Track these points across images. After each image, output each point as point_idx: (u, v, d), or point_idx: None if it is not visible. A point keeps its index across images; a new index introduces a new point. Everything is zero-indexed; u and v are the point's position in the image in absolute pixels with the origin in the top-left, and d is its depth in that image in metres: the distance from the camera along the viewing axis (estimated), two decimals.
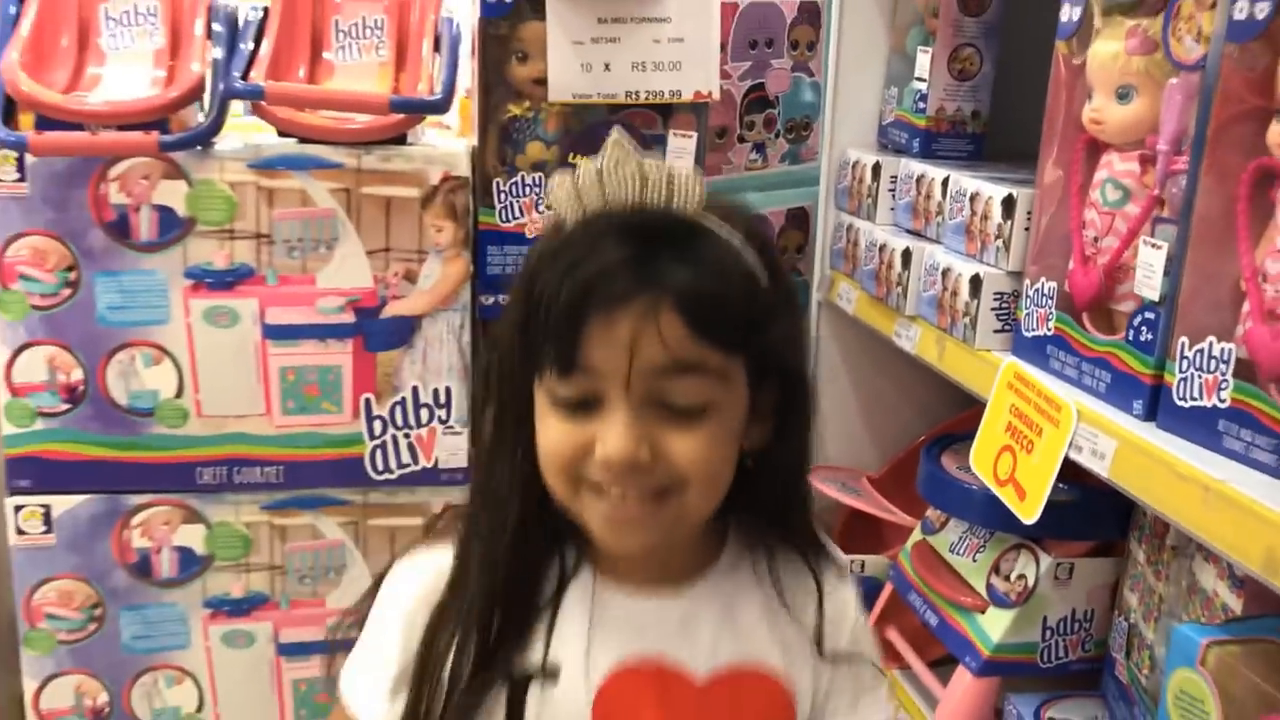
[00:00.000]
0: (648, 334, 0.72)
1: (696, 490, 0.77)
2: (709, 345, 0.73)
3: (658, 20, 1.42)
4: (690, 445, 0.75)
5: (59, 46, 1.42)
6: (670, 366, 0.73)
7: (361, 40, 1.53)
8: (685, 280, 0.73)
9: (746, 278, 0.76)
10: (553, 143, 1.47)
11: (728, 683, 0.82)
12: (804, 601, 0.85)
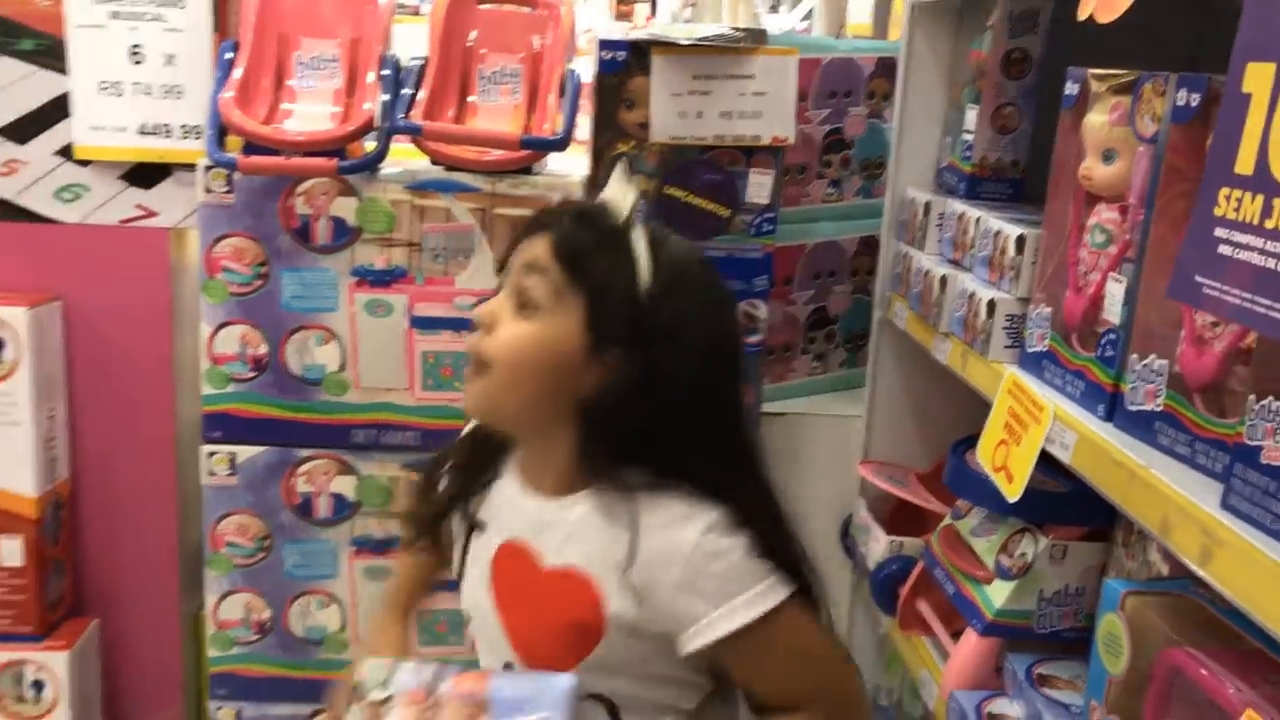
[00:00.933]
0: (532, 247, 1.06)
1: (500, 372, 1.06)
2: (557, 262, 1.04)
3: (743, 77, 1.70)
4: (512, 330, 1.05)
5: (261, 86, 1.76)
6: (530, 265, 1.05)
7: (500, 86, 1.84)
8: (569, 228, 1.06)
9: (617, 256, 1.05)
10: (652, 175, 1.75)
11: (559, 574, 1.10)
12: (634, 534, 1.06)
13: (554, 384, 1.06)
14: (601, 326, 1.04)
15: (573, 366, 1.05)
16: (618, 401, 1.05)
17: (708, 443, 1.11)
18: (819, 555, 1.96)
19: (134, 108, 1.76)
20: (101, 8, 1.72)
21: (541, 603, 1.10)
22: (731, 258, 1.77)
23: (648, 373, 1.05)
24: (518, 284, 1.06)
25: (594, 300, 1.04)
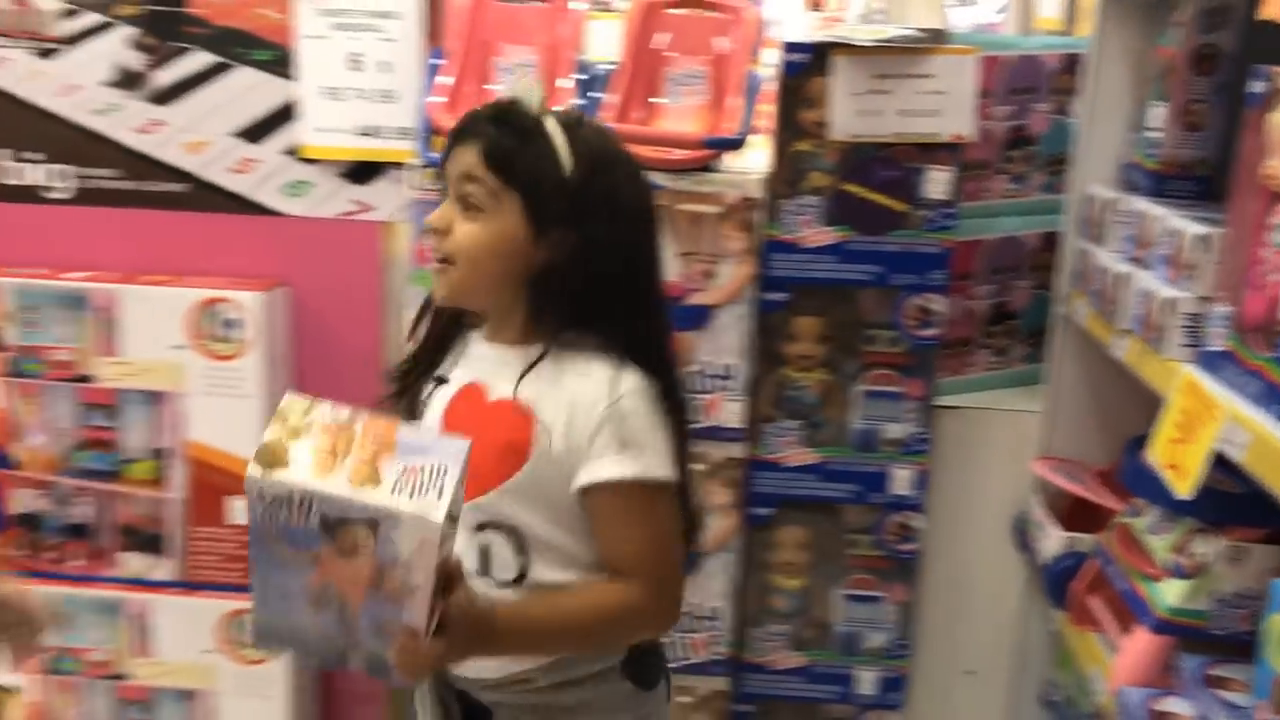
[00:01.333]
0: (464, 156, 1.21)
1: (461, 268, 1.23)
2: (489, 169, 1.20)
3: (923, 76, 1.73)
4: (465, 230, 1.22)
5: (465, 91, 1.90)
6: (466, 175, 1.21)
7: (686, 87, 1.93)
8: (493, 134, 1.21)
9: (539, 151, 1.21)
10: (831, 172, 1.80)
11: (502, 403, 1.25)
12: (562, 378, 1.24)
13: (507, 266, 1.24)
14: (538, 214, 1.22)
15: (521, 249, 1.23)
16: (561, 272, 1.23)
17: (637, 301, 1.29)
18: (992, 548, 2.00)
19: (353, 111, 1.92)
20: (326, 20, 1.89)
21: (482, 427, 1.24)
22: (909, 252, 1.81)
23: (583, 245, 1.23)
24: (458, 191, 1.23)
25: (526, 194, 1.21)
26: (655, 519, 1.28)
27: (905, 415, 1.89)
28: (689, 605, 1.94)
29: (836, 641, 1.99)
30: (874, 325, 1.86)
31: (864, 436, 1.90)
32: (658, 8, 1.94)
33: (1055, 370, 1.90)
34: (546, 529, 1.28)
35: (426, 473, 1.04)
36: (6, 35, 1.95)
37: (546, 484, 1.26)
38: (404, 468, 1.04)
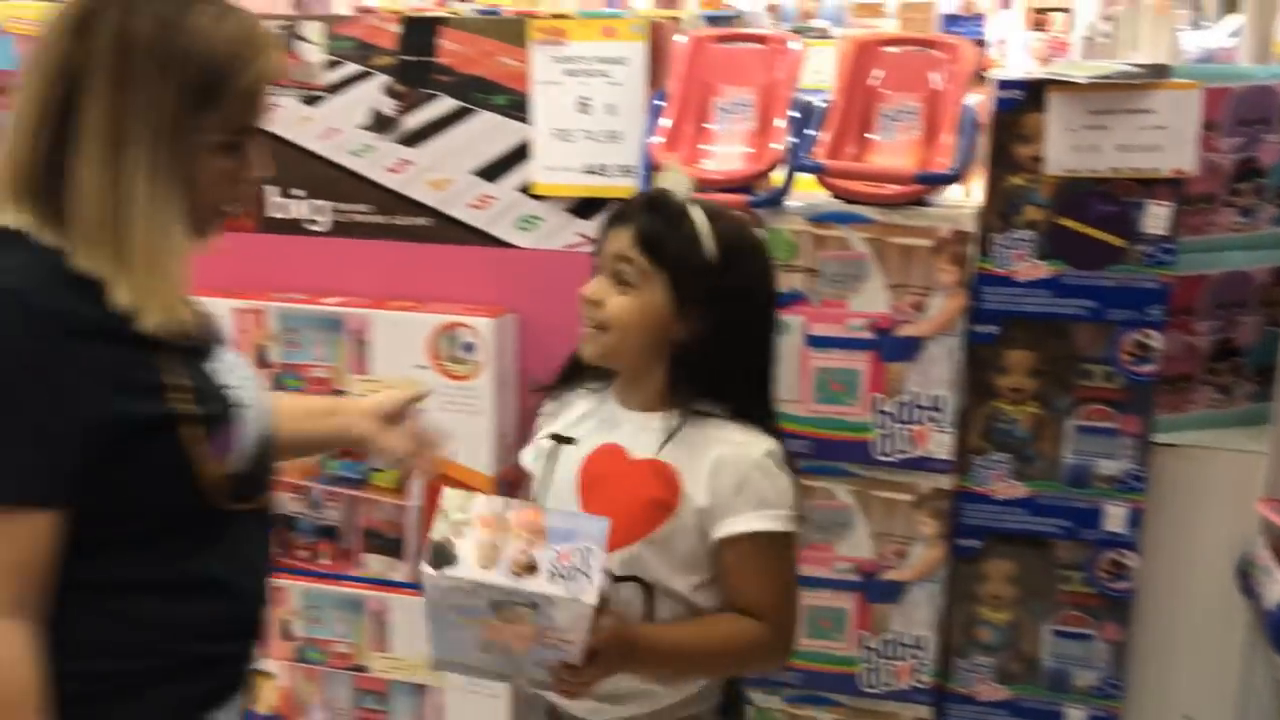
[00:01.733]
0: (619, 238, 1.41)
1: (614, 334, 1.40)
2: (642, 254, 1.39)
3: (1143, 112, 1.72)
4: (617, 302, 1.40)
5: (684, 131, 2.00)
6: (621, 256, 1.40)
7: (900, 122, 1.97)
8: (646, 220, 1.40)
9: (687, 236, 1.39)
10: (1045, 207, 1.81)
11: (647, 463, 1.42)
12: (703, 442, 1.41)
13: (652, 337, 1.41)
14: (681, 293, 1.39)
15: (664, 323, 1.40)
16: (699, 346, 1.41)
17: (763, 374, 1.48)
18: (1212, 590, 1.94)
19: (580, 151, 2.05)
20: (559, 67, 2.03)
21: (625, 484, 1.42)
22: (1125, 287, 1.79)
23: (720, 323, 1.40)
24: (613, 268, 1.41)
25: (673, 275, 1.39)
26: (784, 567, 1.46)
27: (1120, 451, 1.86)
28: (894, 632, 1.97)
29: (1044, 677, 1.97)
30: (1089, 360, 1.85)
31: (1076, 472, 1.88)
32: (872, 45, 1.99)
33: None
34: (675, 579, 1.42)
35: (576, 556, 1.20)
36: (278, 85, 2.18)
37: (684, 537, 1.41)
38: (556, 553, 1.20)
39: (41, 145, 1.15)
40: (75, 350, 1.12)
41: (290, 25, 2.16)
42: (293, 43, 2.15)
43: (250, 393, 1.30)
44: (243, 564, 1.30)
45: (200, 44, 1.14)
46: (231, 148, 1.20)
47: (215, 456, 1.20)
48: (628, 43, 2.01)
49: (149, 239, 1.14)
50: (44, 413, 1.11)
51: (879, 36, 1.98)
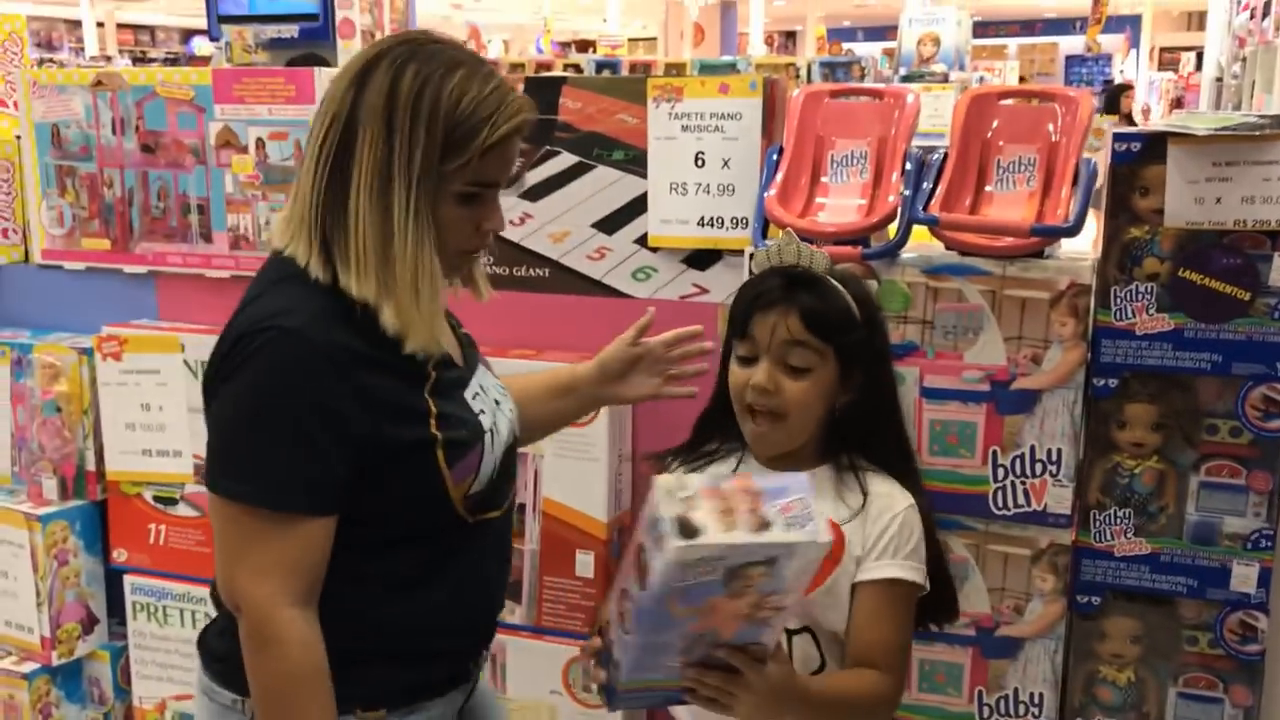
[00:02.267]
0: (782, 324, 1.45)
1: (794, 419, 1.47)
2: (813, 335, 1.45)
3: (1268, 163, 1.69)
4: (794, 389, 1.46)
5: (799, 184, 2.03)
6: (791, 341, 1.45)
7: (1016, 174, 1.96)
8: (807, 301, 1.46)
9: (842, 307, 1.48)
10: (1166, 259, 1.78)
11: None
12: (863, 493, 1.51)
13: (823, 411, 1.50)
14: (849, 363, 1.48)
15: (833, 394, 1.50)
16: (857, 407, 1.51)
17: (899, 430, 1.58)
18: None
19: (695, 204, 2.10)
20: (676, 123, 2.09)
21: None
22: (1251, 341, 1.75)
23: (870, 381, 1.50)
24: (781, 355, 1.47)
25: (840, 349, 1.47)
26: (907, 619, 1.52)
27: (1248, 509, 1.81)
28: (1011, 689, 1.94)
29: None
30: (1213, 414, 1.81)
31: (1201, 529, 1.84)
32: (989, 97, 2.00)
33: None
34: (838, 626, 1.49)
35: (797, 507, 1.26)
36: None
37: (845, 584, 1.48)
38: (779, 507, 1.25)
39: (322, 182, 1.34)
40: (348, 382, 1.31)
41: None
42: None
43: (499, 414, 1.48)
44: (477, 570, 1.47)
45: (452, 103, 1.31)
46: (470, 198, 1.36)
47: (457, 479, 1.39)
48: (743, 99, 2.06)
49: (411, 269, 1.32)
50: (323, 438, 1.31)
51: (996, 89, 1.99)
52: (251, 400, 1.31)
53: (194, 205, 2.40)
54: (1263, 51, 4.73)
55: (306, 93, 2.27)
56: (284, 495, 1.31)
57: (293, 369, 1.29)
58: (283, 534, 1.31)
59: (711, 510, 1.23)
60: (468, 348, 1.56)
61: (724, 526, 1.22)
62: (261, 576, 1.31)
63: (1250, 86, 5.09)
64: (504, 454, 1.49)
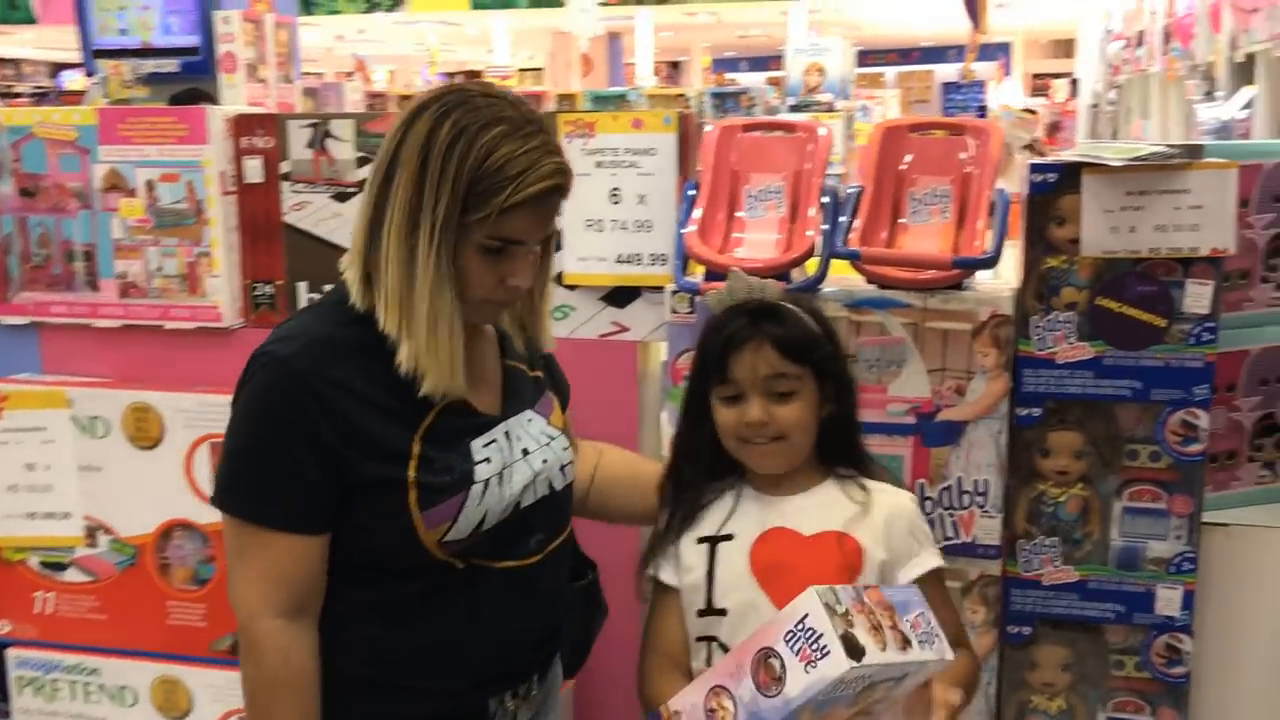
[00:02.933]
0: (759, 360, 1.47)
1: (793, 438, 1.49)
2: (791, 362, 1.48)
3: (1179, 191, 1.72)
4: (786, 413, 1.48)
5: (716, 219, 2.00)
6: (772, 375, 1.48)
7: (931, 205, 1.97)
8: (775, 332, 1.48)
9: (807, 329, 1.51)
10: (1084, 288, 1.80)
11: (821, 537, 1.50)
12: (863, 498, 1.52)
13: (815, 427, 1.53)
14: (823, 380, 1.52)
15: (818, 410, 1.53)
16: (838, 417, 1.54)
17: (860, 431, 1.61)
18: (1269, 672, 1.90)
19: (612, 240, 2.06)
20: (590, 159, 2.04)
21: (809, 561, 1.48)
22: (1169, 367, 1.78)
23: (843, 390, 1.55)
24: (766, 388, 1.49)
25: (816, 368, 1.51)
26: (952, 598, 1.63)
27: (1170, 533, 1.83)
28: None
29: None
30: (1135, 440, 1.83)
31: (1126, 554, 1.85)
32: (901, 130, 2.00)
33: None
34: None
35: (923, 622, 1.30)
36: (309, 182, 2.19)
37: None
38: (910, 623, 1.28)
39: (368, 217, 1.40)
40: (331, 412, 1.35)
41: (320, 123, 2.18)
42: (323, 140, 2.17)
43: (520, 464, 1.46)
44: (472, 614, 1.45)
45: (480, 158, 1.33)
46: (494, 251, 1.37)
47: (430, 524, 1.38)
48: (657, 134, 2.03)
49: (430, 312, 1.34)
50: (306, 460, 1.36)
51: (908, 121, 1.99)
52: (242, 421, 1.40)
53: (79, 252, 2.27)
54: (1139, 80, 4.90)
55: (199, 132, 2.17)
56: (265, 512, 1.38)
57: (276, 396, 1.36)
58: (267, 548, 1.37)
59: (863, 626, 1.24)
60: (523, 390, 1.55)
61: (878, 644, 1.24)
62: (250, 586, 1.39)
63: (1126, 113, 5.28)
64: (512, 504, 1.46)
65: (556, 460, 1.53)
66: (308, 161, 2.18)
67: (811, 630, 1.22)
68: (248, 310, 2.25)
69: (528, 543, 1.49)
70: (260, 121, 2.20)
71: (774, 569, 1.48)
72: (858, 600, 1.27)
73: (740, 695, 1.25)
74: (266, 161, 2.20)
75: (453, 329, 1.36)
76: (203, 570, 2.24)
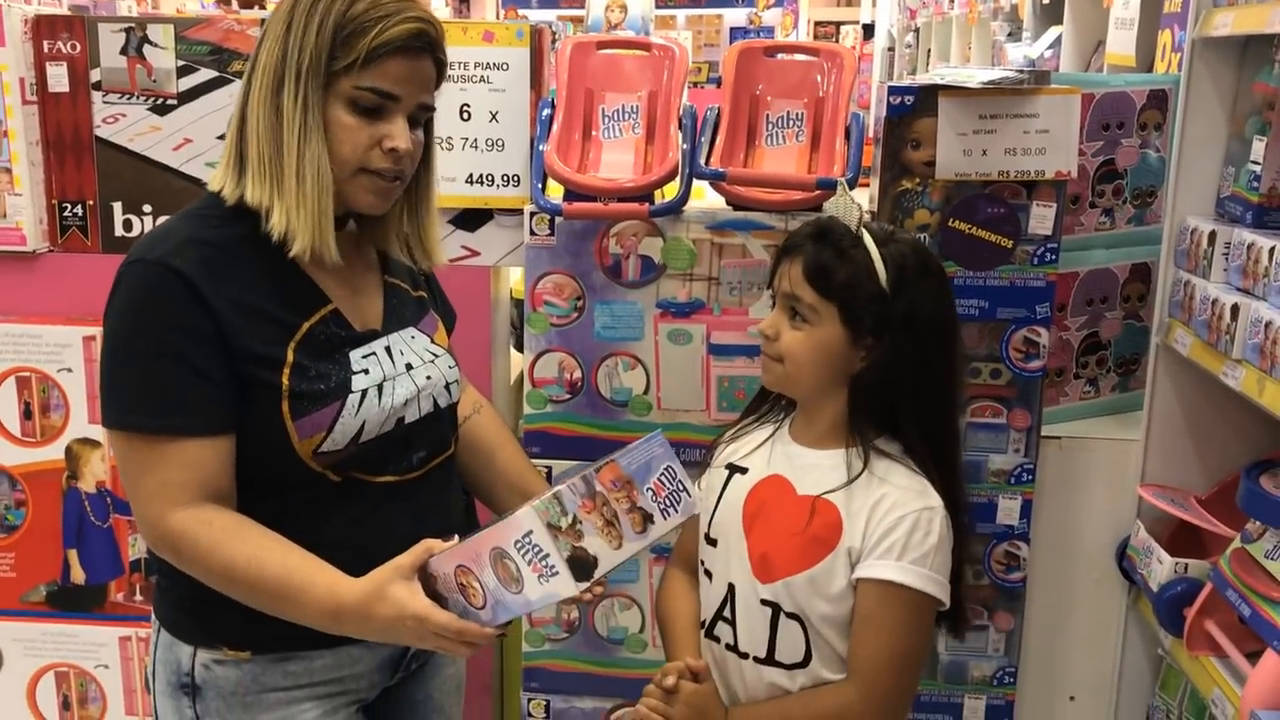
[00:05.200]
0: (787, 274, 1.39)
1: (790, 367, 1.39)
2: (812, 288, 1.36)
3: (1028, 116, 1.78)
4: (791, 337, 1.39)
5: (573, 139, 1.96)
6: (790, 294, 1.38)
7: (786, 129, 1.98)
8: (812, 251, 1.37)
9: (856, 264, 1.35)
10: (935, 210, 1.85)
11: (810, 500, 1.40)
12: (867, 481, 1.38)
13: (828, 369, 1.39)
14: (854, 324, 1.36)
15: (839, 353, 1.38)
16: (875, 378, 1.37)
17: (939, 412, 1.42)
18: (1092, 575, 2.03)
19: (463, 160, 1.98)
20: None
21: (788, 519, 1.40)
22: (1015, 286, 1.85)
23: (895, 353, 1.36)
24: (786, 303, 1.39)
25: (844, 306, 1.36)
26: (906, 633, 1.37)
27: (1011, 446, 1.92)
28: None
29: (944, 672, 2.02)
30: (976, 358, 1.90)
31: (971, 468, 1.93)
32: (755, 52, 2.00)
33: (1154, 399, 1.94)
34: (829, 622, 1.39)
35: (666, 482, 1.26)
36: (124, 93, 2.01)
37: (840, 577, 1.37)
38: (651, 491, 1.24)
39: (239, 105, 1.34)
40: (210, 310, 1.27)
41: (134, 28, 1.99)
42: (139, 47, 1.99)
43: (403, 378, 1.40)
44: (352, 531, 1.37)
45: (346, 3, 1.29)
46: (366, 110, 1.31)
47: (303, 433, 1.32)
48: (509, 48, 1.95)
49: (296, 165, 1.29)
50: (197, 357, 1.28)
51: (762, 44, 1.99)
52: (122, 332, 1.30)
53: None
54: (939, 23, 5.09)
55: None
56: (164, 422, 1.29)
57: (157, 298, 1.28)
58: (170, 458, 1.29)
59: (595, 526, 1.18)
60: (405, 308, 1.47)
61: (612, 542, 1.19)
62: (152, 497, 1.31)
63: (925, 55, 5.48)
64: (395, 418, 1.39)
65: (441, 377, 1.47)
66: (122, 70, 2.00)
67: (538, 546, 1.18)
68: (55, 233, 2.05)
69: (410, 459, 1.43)
70: (65, 24, 1.99)
71: (759, 516, 1.43)
72: (588, 495, 1.20)
73: (485, 581, 1.22)
74: (73, 69, 2.00)
75: (320, 183, 1.30)
76: (11, 516, 2.05)
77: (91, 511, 2.06)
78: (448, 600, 1.26)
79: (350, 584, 1.27)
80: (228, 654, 1.37)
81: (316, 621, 1.30)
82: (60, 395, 2.02)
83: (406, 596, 1.24)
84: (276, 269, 1.33)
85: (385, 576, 1.26)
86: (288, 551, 1.30)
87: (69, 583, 2.08)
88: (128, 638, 2.10)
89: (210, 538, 1.29)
